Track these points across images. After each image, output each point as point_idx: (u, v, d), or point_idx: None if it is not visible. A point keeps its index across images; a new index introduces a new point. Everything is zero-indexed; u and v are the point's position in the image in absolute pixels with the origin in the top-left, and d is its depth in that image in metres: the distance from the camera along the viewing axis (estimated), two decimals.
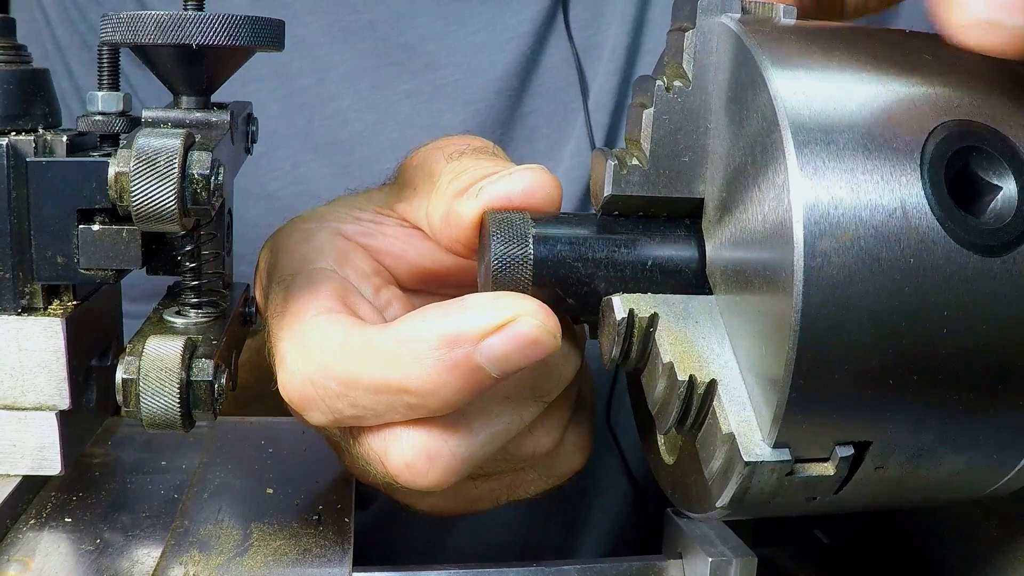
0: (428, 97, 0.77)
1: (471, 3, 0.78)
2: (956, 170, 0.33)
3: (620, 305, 0.38)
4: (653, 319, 0.37)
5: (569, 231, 0.39)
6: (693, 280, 0.40)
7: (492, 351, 0.37)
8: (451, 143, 0.47)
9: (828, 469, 0.35)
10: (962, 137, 0.33)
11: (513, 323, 0.37)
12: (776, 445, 0.34)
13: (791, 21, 0.38)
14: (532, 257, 0.39)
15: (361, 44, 0.77)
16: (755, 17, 0.38)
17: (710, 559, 0.43)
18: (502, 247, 0.39)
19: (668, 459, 0.42)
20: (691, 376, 0.35)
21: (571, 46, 0.78)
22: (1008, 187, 0.34)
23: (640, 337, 0.37)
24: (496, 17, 0.77)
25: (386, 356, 0.38)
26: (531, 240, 0.39)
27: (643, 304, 0.38)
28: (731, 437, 0.34)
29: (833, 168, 0.32)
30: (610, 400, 0.74)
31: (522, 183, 0.40)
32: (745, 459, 0.34)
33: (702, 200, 0.39)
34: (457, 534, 0.79)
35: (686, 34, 0.38)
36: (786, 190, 0.32)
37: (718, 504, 0.36)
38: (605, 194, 0.39)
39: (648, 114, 0.38)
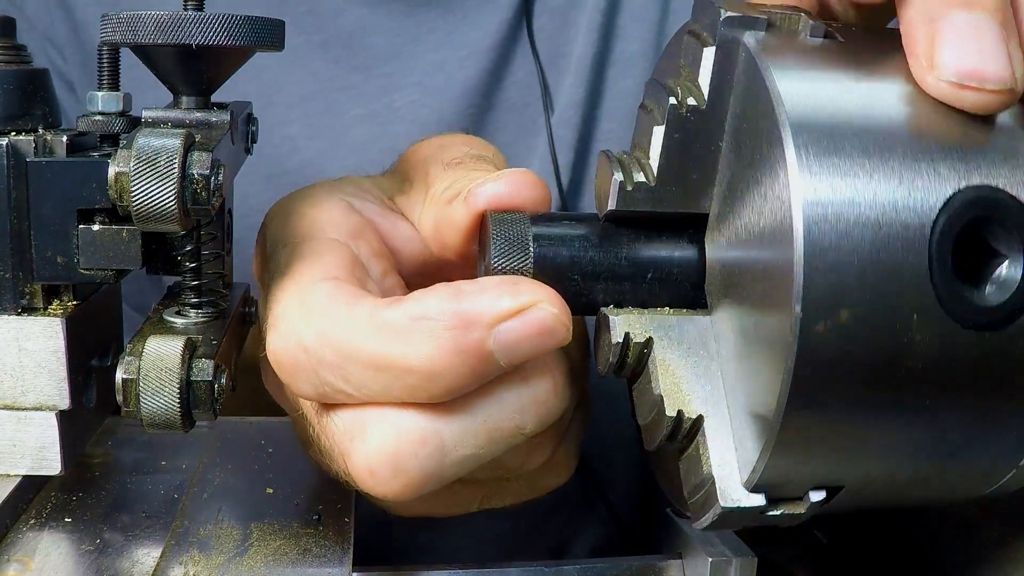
0: (384, 121, 0.73)
1: (428, 18, 0.73)
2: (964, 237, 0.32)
3: (616, 325, 0.38)
4: (648, 343, 0.37)
5: (569, 232, 0.39)
6: (691, 292, 0.39)
7: (506, 337, 0.35)
8: (453, 145, 0.47)
9: (799, 508, 0.36)
10: (976, 206, 0.32)
11: (531, 310, 0.36)
12: (754, 490, 0.35)
13: (818, 40, 0.35)
14: (533, 260, 0.39)
15: (312, 67, 0.73)
16: (779, 34, 0.36)
17: (710, 559, 0.43)
18: (502, 250, 0.38)
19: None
20: (679, 411, 0.36)
21: (535, 59, 0.73)
22: (1016, 262, 0.32)
23: (635, 357, 0.38)
24: (454, 32, 0.73)
25: (394, 331, 0.36)
26: (531, 242, 0.39)
27: (638, 327, 0.38)
28: (710, 479, 0.35)
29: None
30: None
31: (508, 185, 0.40)
32: (721, 504, 0.35)
33: (707, 215, 0.38)
34: (449, 536, 0.79)
35: (704, 50, 0.36)
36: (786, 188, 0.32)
37: (696, 526, 0.37)
38: (608, 208, 0.38)
39: (659, 131, 0.37)
